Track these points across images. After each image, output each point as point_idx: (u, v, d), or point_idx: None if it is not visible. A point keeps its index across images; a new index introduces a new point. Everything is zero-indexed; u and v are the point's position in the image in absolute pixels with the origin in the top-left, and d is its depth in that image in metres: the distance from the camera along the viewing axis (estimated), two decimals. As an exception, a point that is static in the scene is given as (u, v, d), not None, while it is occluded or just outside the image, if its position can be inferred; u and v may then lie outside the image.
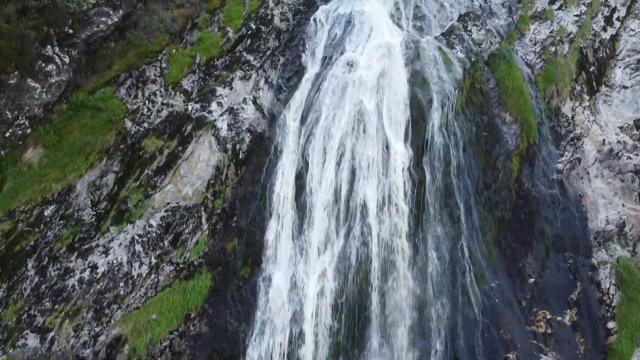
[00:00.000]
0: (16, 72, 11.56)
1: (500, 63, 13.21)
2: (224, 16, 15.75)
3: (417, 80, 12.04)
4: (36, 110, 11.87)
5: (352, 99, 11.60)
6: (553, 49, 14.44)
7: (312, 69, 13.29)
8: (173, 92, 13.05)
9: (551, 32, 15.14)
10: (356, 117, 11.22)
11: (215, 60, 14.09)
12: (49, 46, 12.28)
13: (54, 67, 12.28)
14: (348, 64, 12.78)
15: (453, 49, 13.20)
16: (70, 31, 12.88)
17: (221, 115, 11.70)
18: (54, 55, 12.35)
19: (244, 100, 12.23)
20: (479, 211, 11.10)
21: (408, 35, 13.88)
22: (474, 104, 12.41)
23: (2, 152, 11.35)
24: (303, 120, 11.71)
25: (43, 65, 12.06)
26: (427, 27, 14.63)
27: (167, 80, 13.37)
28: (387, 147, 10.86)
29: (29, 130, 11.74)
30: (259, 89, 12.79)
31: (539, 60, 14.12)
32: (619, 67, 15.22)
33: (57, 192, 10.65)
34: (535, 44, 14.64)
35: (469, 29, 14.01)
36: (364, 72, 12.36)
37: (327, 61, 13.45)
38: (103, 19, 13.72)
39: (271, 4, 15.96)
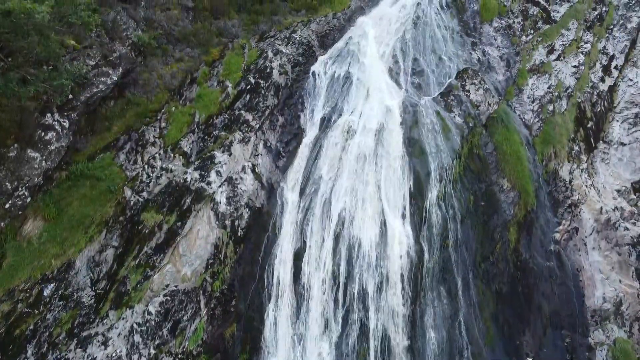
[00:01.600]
0: (16, 145, 11.59)
1: (499, 127, 13.24)
2: (223, 69, 15.76)
3: (415, 151, 12.08)
4: (36, 179, 11.88)
5: (350, 172, 11.64)
6: (551, 107, 14.48)
7: (310, 132, 13.30)
8: (172, 155, 13.08)
9: (549, 87, 15.16)
10: (354, 193, 11.26)
11: (215, 118, 14.12)
12: (48, 114, 12.29)
13: (54, 134, 12.27)
14: (346, 128, 12.81)
15: (451, 113, 13.24)
16: (70, 96, 12.91)
17: (220, 186, 11.74)
18: (54, 122, 12.35)
19: (243, 169, 12.27)
20: (477, 285, 11.15)
21: (406, 95, 13.92)
22: (472, 171, 12.45)
23: (2, 223, 11.38)
24: (301, 192, 11.73)
25: (43, 134, 12.06)
26: (425, 84, 14.67)
27: (166, 141, 13.39)
28: (384, 224, 10.90)
29: (28, 200, 11.76)
30: (258, 155, 12.82)
31: (536, 120, 14.16)
32: (617, 121, 15.26)
33: (56, 268, 10.69)
34: (533, 102, 14.67)
35: (467, 88, 14.04)
36: (362, 139, 12.40)
37: (325, 123, 13.49)
38: (102, 79, 13.74)
39: (270, 55, 15.99)
